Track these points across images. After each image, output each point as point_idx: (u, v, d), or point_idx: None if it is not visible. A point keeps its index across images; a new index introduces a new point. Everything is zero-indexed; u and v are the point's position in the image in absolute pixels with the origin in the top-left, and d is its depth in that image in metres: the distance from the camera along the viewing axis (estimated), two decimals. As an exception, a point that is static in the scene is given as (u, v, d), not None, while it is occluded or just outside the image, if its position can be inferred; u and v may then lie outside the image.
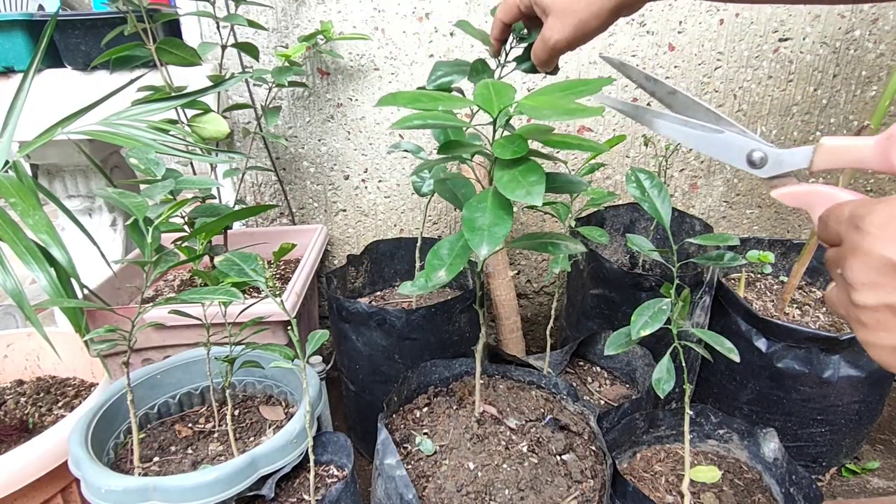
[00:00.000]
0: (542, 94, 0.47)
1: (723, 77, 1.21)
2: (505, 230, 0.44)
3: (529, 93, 0.51)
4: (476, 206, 0.46)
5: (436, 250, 0.51)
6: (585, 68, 1.20)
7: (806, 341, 0.97)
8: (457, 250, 0.50)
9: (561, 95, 0.46)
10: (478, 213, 0.45)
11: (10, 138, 0.73)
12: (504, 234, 0.43)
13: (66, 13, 0.98)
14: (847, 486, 1.10)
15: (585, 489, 0.68)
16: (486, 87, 0.47)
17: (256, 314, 0.74)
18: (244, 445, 0.77)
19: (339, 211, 1.33)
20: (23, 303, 0.62)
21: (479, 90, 0.47)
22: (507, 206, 0.45)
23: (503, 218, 0.44)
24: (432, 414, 0.81)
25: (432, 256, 0.50)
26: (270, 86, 1.11)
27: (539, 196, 0.41)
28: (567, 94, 0.46)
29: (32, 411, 0.94)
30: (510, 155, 0.43)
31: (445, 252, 0.50)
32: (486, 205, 0.46)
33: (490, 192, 0.47)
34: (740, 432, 0.83)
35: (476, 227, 0.44)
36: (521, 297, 1.42)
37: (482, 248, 0.42)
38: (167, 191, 0.67)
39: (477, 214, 0.45)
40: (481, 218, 0.44)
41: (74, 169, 1.18)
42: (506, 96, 0.46)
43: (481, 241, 0.43)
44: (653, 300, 0.66)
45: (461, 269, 0.49)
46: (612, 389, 1.03)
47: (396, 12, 1.15)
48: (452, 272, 0.48)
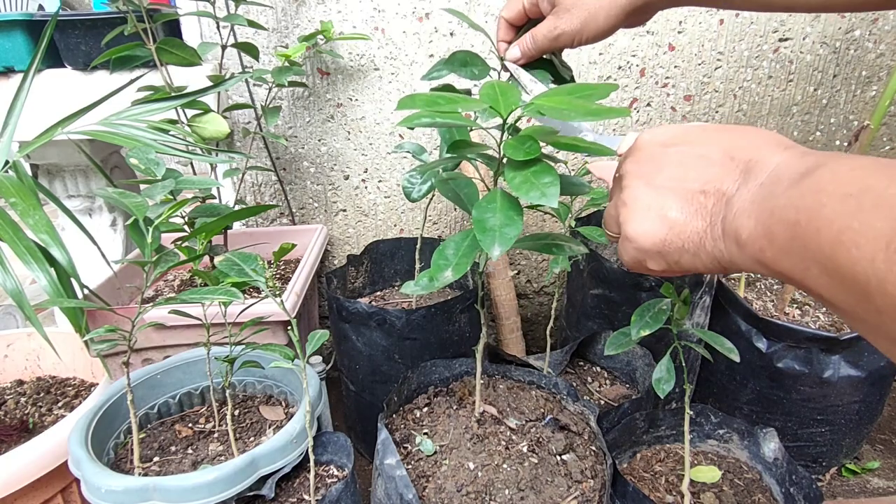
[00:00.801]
0: (556, 95, 0.47)
1: (723, 77, 1.21)
2: (516, 231, 0.44)
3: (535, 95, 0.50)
4: (486, 206, 0.46)
5: (441, 250, 0.51)
6: (585, 68, 1.20)
7: (806, 341, 0.97)
8: (462, 250, 0.50)
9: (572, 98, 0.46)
10: (488, 214, 0.45)
11: (10, 138, 0.73)
12: (515, 235, 0.43)
13: (66, 13, 0.98)
14: (847, 486, 1.10)
15: (585, 489, 0.68)
16: (493, 87, 0.47)
17: (256, 314, 0.74)
18: (244, 445, 0.77)
19: (339, 211, 1.33)
20: (23, 303, 0.62)
21: (485, 90, 0.47)
22: (517, 207, 0.45)
23: (514, 219, 0.44)
24: (432, 414, 0.81)
25: (438, 256, 0.50)
26: (270, 86, 1.11)
27: (554, 198, 0.41)
28: (577, 98, 0.46)
29: (32, 411, 0.94)
30: (522, 156, 0.43)
31: (451, 252, 0.50)
32: (495, 205, 0.46)
33: (498, 193, 0.47)
34: (740, 432, 0.83)
35: (487, 227, 0.44)
36: (521, 297, 1.42)
37: (494, 248, 0.42)
38: (167, 191, 0.67)
39: (487, 215, 0.45)
40: (492, 219, 0.44)
41: (74, 169, 1.18)
42: (512, 97, 0.46)
43: (493, 241, 0.43)
44: (653, 300, 0.66)
45: (468, 268, 0.49)
46: (612, 389, 1.03)
47: (396, 12, 1.15)
48: (459, 272, 0.48)
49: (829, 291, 0.25)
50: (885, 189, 0.23)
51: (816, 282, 0.26)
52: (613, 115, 0.42)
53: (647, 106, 1.23)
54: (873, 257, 0.22)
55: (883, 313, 0.22)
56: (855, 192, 0.24)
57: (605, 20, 0.52)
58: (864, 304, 0.23)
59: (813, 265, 0.26)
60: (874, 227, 0.22)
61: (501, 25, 0.60)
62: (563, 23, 0.53)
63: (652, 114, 1.24)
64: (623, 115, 0.42)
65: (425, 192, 0.85)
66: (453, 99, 0.47)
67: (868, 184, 0.24)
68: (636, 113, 1.24)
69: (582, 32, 0.53)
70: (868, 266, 0.22)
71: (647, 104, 1.23)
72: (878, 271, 0.22)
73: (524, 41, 0.57)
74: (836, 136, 1.27)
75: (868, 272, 0.22)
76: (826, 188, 0.26)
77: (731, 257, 0.33)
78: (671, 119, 1.24)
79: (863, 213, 0.23)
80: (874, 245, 0.22)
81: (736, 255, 0.32)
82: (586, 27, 0.52)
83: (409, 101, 0.46)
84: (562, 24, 0.53)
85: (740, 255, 0.32)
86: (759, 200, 0.30)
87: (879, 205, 0.23)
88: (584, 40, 0.54)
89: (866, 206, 0.23)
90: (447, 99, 0.47)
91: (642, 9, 0.52)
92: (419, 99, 0.46)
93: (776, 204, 0.28)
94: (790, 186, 0.28)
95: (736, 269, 0.34)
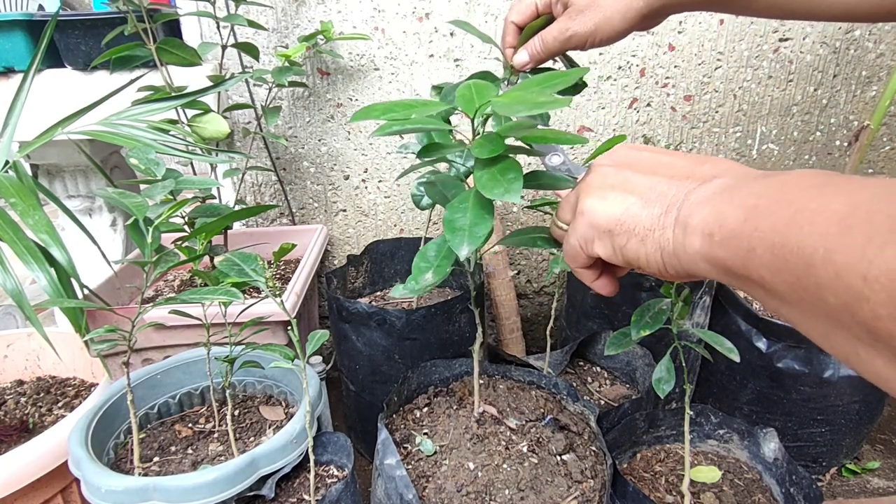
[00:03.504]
0: (518, 90, 0.47)
1: (723, 77, 1.21)
2: (485, 229, 0.43)
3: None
4: (458, 206, 0.46)
5: (423, 252, 0.50)
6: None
7: (806, 341, 0.97)
8: (444, 252, 0.50)
9: (538, 90, 0.46)
10: (458, 214, 0.45)
11: (10, 138, 0.73)
12: (485, 234, 0.43)
13: (66, 13, 0.98)
14: (847, 486, 1.10)
15: (585, 489, 0.68)
16: (469, 88, 0.47)
17: (256, 314, 0.74)
18: (244, 445, 0.77)
19: (340, 211, 1.33)
20: (23, 303, 0.62)
21: (461, 92, 0.47)
22: (489, 206, 0.45)
23: (484, 217, 0.44)
24: (432, 414, 0.81)
25: (420, 259, 0.50)
26: (270, 86, 1.11)
27: (516, 193, 0.41)
28: (544, 88, 0.46)
29: (32, 411, 0.94)
30: (488, 154, 0.43)
31: (433, 254, 0.50)
32: (467, 205, 0.46)
33: (472, 193, 0.47)
34: (740, 432, 0.83)
35: (456, 227, 0.44)
36: (521, 297, 1.42)
37: (463, 248, 0.42)
38: (167, 191, 0.67)
39: (458, 215, 0.45)
40: (462, 218, 0.44)
41: (74, 169, 1.18)
42: (486, 96, 0.46)
43: (462, 241, 0.43)
44: (653, 300, 0.66)
45: (448, 270, 0.49)
46: (612, 389, 1.03)
47: (396, 12, 1.15)
48: (440, 274, 0.48)
49: (771, 272, 0.26)
50: (846, 184, 0.24)
51: (759, 263, 0.26)
52: (557, 106, 0.41)
53: (647, 106, 1.23)
54: (825, 231, 0.23)
55: (823, 286, 0.23)
56: (817, 184, 0.25)
57: (620, 23, 0.51)
58: (805, 279, 0.24)
59: (759, 245, 0.26)
60: (831, 207, 0.23)
61: (509, 30, 0.58)
62: (576, 24, 0.52)
63: (652, 114, 1.24)
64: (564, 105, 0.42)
65: (423, 189, 0.85)
66: (410, 104, 0.47)
67: (830, 180, 0.25)
68: (636, 113, 1.24)
69: (595, 35, 0.52)
70: (818, 239, 0.23)
71: (647, 104, 1.23)
72: (828, 242, 0.22)
73: (532, 45, 0.55)
74: (836, 136, 1.27)
75: (817, 244, 0.23)
76: (790, 181, 0.27)
77: (674, 247, 0.33)
78: (671, 119, 1.24)
79: (822, 197, 0.24)
80: (828, 220, 0.23)
81: (680, 244, 0.32)
82: (600, 29, 0.51)
83: (364, 113, 0.46)
84: (574, 26, 0.52)
85: (685, 243, 0.32)
86: (719, 191, 0.31)
87: (839, 192, 0.24)
88: (596, 43, 0.53)
89: (827, 193, 0.24)
90: (404, 105, 0.47)
91: (658, 11, 0.52)
92: (375, 109, 0.47)
93: (737, 193, 0.29)
94: (755, 180, 0.29)
95: (672, 268, 0.34)
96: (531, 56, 0.56)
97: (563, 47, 0.54)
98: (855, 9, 0.50)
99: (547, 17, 0.56)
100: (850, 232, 0.22)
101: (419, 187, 0.88)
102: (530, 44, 0.56)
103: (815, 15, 0.52)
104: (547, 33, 0.54)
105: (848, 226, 0.22)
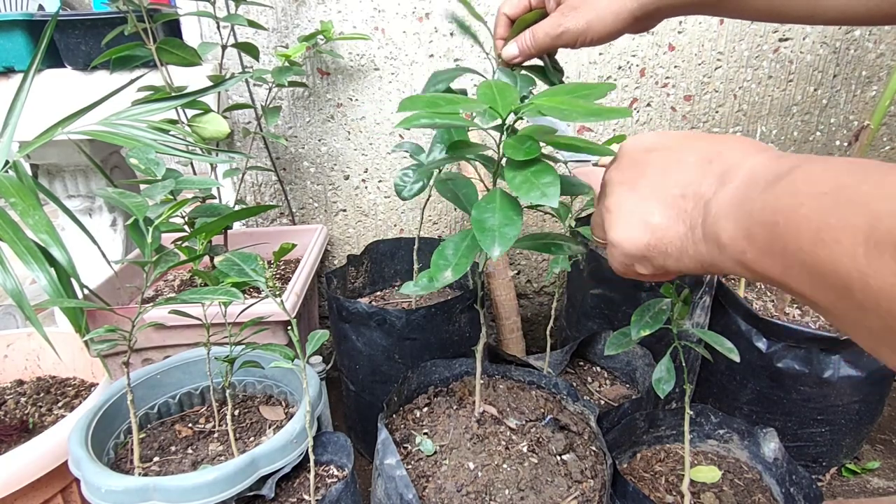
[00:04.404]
0: (556, 95, 0.47)
1: (723, 77, 1.21)
2: (515, 231, 0.44)
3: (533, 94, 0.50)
4: (485, 206, 0.46)
5: (441, 251, 0.51)
6: (585, 68, 1.20)
7: (806, 341, 0.97)
8: (462, 250, 0.50)
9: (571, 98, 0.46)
10: (487, 214, 0.45)
11: (10, 138, 0.73)
12: (515, 235, 0.43)
13: (66, 13, 0.98)
14: (847, 486, 1.10)
15: (585, 489, 0.68)
16: (490, 87, 0.47)
17: (256, 314, 0.74)
18: (244, 445, 0.77)
19: (340, 211, 1.33)
20: (23, 303, 0.62)
21: (482, 90, 0.47)
22: (517, 207, 0.45)
23: (513, 219, 0.44)
24: (432, 414, 0.81)
25: (438, 257, 0.50)
26: (270, 86, 1.11)
27: (555, 198, 0.41)
28: (575, 97, 0.46)
29: (32, 411, 0.94)
30: (522, 156, 0.43)
31: (451, 252, 0.50)
32: (495, 205, 0.46)
33: (498, 193, 0.47)
34: (740, 432, 0.83)
35: (486, 227, 0.44)
36: (521, 297, 1.42)
37: (494, 248, 0.42)
38: (167, 191, 0.67)
39: (487, 215, 0.45)
40: (491, 219, 0.44)
41: (74, 169, 1.18)
42: (509, 96, 0.46)
43: (493, 241, 0.43)
44: (653, 300, 0.66)
45: (467, 269, 0.49)
46: (613, 389, 1.03)
47: (396, 12, 1.15)
48: (458, 272, 0.48)
49: (811, 289, 0.25)
50: (858, 186, 0.23)
51: (798, 280, 0.26)
52: (614, 116, 0.42)
53: (648, 106, 1.23)
54: (854, 253, 0.22)
55: (865, 309, 0.22)
56: (829, 190, 0.25)
57: (612, 23, 0.51)
58: (846, 300, 0.23)
59: (794, 264, 0.26)
60: (851, 223, 0.23)
61: (501, 21, 0.57)
62: (568, 21, 0.51)
63: (652, 114, 1.24)
64: (624, 116, 0.42)
65: (417, 192, 0.85)
66: (453, 100, 0.47)
67: (841, 182, 0.24)
68: (636, 113, 1.24)
69: (587, 33, 0.51)
70: (849, 262, 0.22)
71: (648, 104, 1.23)
72: (860, 266, 0.22)
73: (523, 39, 0.55)
74: (836, 136, 1.27)
75: (850, 268, 0.22)
76: (801, 189, 0.26)
77: (712, 260, 0.33)
78: (671, 119, 1.24)
79: (839, 210, 0.23)
80: (853, 240, 0.22)
81: (717, 258, 0.32)
82: (592, 28, 0.51)
83: (411, 102, 0.46)
84: (566, 23, 0.51)
85: (722, 258, 0.32)
86: (736, 203, 0.30)
87: (854, 201, 0.23)
88: (587, 41, 0.52)
89: (842, 202, 0.24)
90: (447, 100, 0.47)
91: (651, 14, 0.51)
92: (420, 100, 0.46)
93: (754, 207, 0.29)
94: (766, 189, 0.29)
95: (718, 271, 0.34)
96: (520, 50, 0.55)
97: (553, 43, 0.53)
98: (849, 12, 0.50)
99: (540, 12, 0.55)
100: (879, 255, 0.21)
101: (403, 177, 0.87)
102: (521, 37, 0.55)
103: (809, 19, 0.51)
104: (538, 28, 0.53)
105: (875, 246, 0.21)
